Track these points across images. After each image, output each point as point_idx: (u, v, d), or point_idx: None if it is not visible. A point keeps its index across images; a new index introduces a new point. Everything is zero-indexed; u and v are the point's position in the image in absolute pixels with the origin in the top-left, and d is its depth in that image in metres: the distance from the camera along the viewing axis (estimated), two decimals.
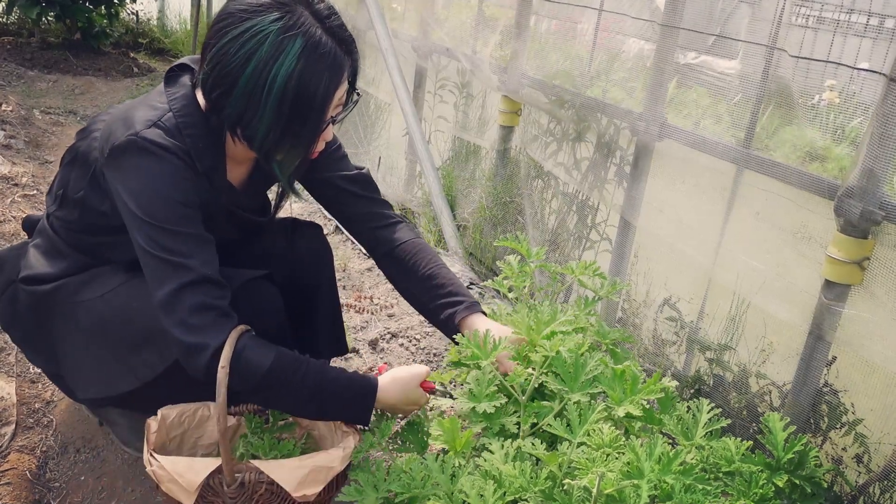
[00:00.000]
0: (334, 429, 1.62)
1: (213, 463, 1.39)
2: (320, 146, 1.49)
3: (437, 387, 1.67)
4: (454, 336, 1.56)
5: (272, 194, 1.79)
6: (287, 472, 1.40)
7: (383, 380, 1.52)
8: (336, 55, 1.37)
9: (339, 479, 1.49)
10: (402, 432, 1.55)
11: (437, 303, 1.67)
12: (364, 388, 1.50)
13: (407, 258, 1.72)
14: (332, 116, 1.43)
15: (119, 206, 1.43)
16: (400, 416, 1.58)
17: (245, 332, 1.41)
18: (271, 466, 1.41)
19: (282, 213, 1.85)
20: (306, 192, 1.81)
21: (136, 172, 1.40)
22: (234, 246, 1.78)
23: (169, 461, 1.40)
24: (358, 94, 1.50)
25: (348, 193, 1.74)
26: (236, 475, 1.41)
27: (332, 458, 1.44)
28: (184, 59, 1.54)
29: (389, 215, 1.78)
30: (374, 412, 1.53)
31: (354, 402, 1.49)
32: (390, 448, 1.51)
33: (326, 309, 1.87)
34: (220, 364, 1.34)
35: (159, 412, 1.54)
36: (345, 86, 1.42)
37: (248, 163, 1.63)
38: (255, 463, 1.42)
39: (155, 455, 1.41)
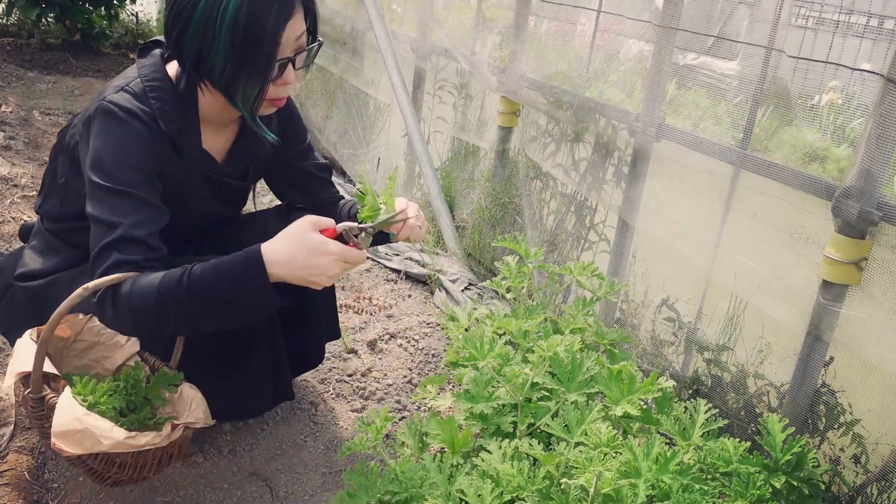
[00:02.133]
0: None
1: (31, 365, 1.40)
2: (284, 90, 1.52)
3: (355, 227, 1.42)
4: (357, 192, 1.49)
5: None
6: (66, 415, 1.36)
7: (268, 246, 1.38)
8: None
9: (158, 459, 1.47)
10: (397, 433, 1.55)
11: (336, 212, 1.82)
12: (250, 252, 1.37)
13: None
14: (291, 56, 1.46)
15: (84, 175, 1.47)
16: (323, 277, 1.36)
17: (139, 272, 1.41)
18: (65, 402, 1.38)
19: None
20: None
21: (99, 136, 1.45)
22: (230, 232, 1.80)
23: (24, 342, 1.44)
24: (319, 41, 1.55)
25: (314, 177, 1.87)
26: (45, 390, 1.41)
27: (111, 434, 1.36)
28: (157, 37, 1.60)
29: (340, 196, 1.93)
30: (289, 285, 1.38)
31: (246, 270, 1.35)
32: (385, 450, 1.50)
33: (324, 291, 1.89)
34: (85, 285, 1.35)
35: (91, 314, 1.57)
36: (299, 24, 1.46)
37: (228, 131, 1.67)
38: (65, 393, 1.39)
39: (32, 334, 1.45)
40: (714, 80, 2.01)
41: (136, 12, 6.94)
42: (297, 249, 1.35)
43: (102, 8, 5.93)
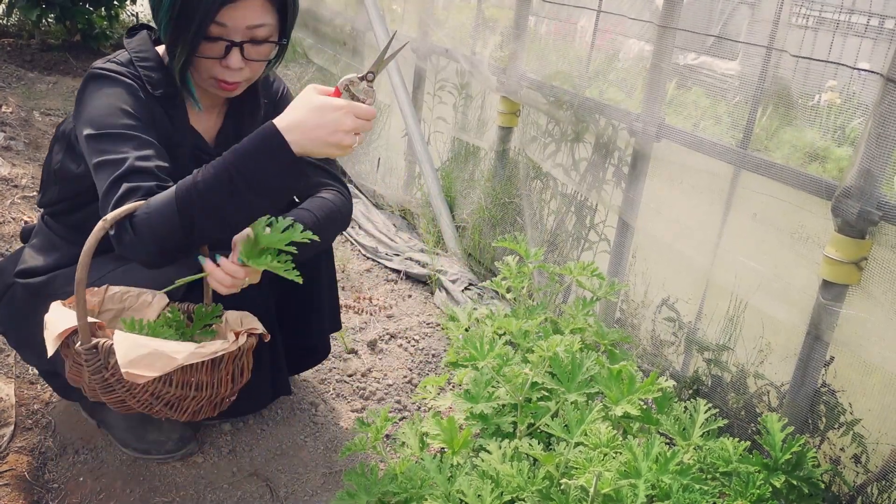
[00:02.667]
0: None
1: (70, 323, 1.37)
2: (230, 74, 1.52)
3: (355, 79, 1.39)
4: None
5: None
6: (128, 344, 1.32)
7: (279, 119, 1.36)
8: None
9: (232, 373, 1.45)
10: (398, 433, 1.55)
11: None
12: (263, 127, 1.35)
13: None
14: (236, 41, 1.47)
15: (79, 142, 1.49)
16: (340, 134, 1.33)
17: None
18: (123, 336, 1.35)
19: None
20: None
21: (89, 96, 1.49)
22: None
23: (54, 310, 1.41)
24: (283, 42, 1.56)
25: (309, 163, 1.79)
26: (93, 339, 1.36)
27: (181, 349, 1.33)
28: (145, 23, 1.66)
29: (327, 183, 1.79)
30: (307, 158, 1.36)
31: (265, 141, 1.33)
32: (386, 450, 1.50)
33: (328, 285, 1.90)
34: (104, 217, 1.33)
35: (107, 284, 1.55)
36: (250, 12, 1.45)
37: (215, 114, 1.69)
38: (116, 332, 1.37)
39: (62, 302, 1.43)
40: (714, 79, 2.01)
41: (137, 13, 6.94)
42: (306, 112, 1.32)
43: (103, 8, 5.94)
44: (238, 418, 1.93)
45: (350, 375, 2.24)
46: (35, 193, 3.17)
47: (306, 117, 1.32)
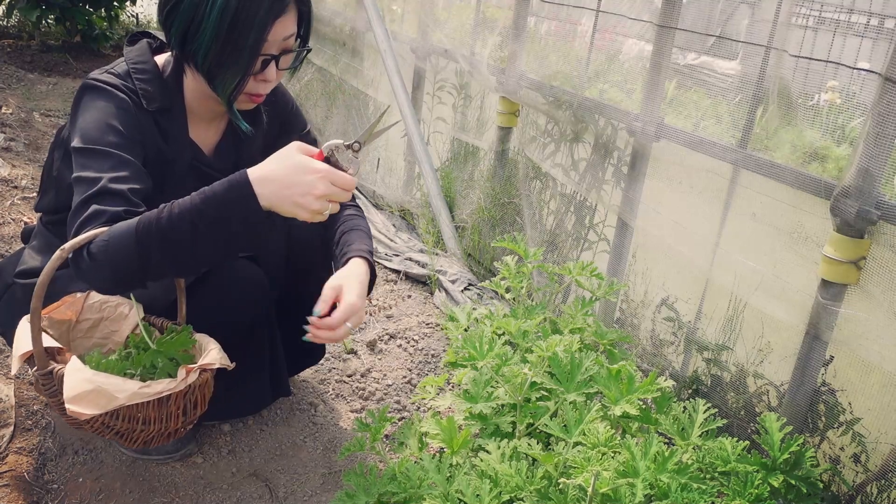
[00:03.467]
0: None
1: (46, 345, 1.39)
2: (264, 87, 1.51)
3: (341, 146, 1.36)
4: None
5: None
6: (76, 378, 1.32)
7: (254, 168, 1.32)
8: None
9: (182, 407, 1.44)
10: (397, 433, 1.55)
11: (334, 261, 1.68)
12: (235, 174, 1.31)
13: (329, 228, 1.73)
14: (276, 54, 1.46)
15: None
16: (310, 198, 1.29)
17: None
18: (74, 367, 1.34)
19: None
20: None
21: (82, 109, 1.48)
22: None
23: (21, 327, 1.43)
24: (308, 48, 1.55)
25: None
26: (51, 364, 1.38)
27: (124, 386, 1.32)
28: (148, 30, 1.63)
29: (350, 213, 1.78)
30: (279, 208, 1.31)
31: (233, 190, 1.29)
32: (385, 450, 1.50)
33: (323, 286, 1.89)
34: (62, 248, 1.31)
35: (90, 292, 1.56)
36: (290, 24, 1.45)
37: (216, 124, 1.67)
38: (72, 360, 1.37)
39: (27, 318, 1.43)
40: (714, 79, 2.01)
41: (137, 13, 6.95)
42: (282, 169, 1.29)
43: (103, 9, 5.94)
44: (237, 419, 1.93)
45: (349, 376, 2.24)
46: (35, 195, 3.17)
47: (281, 174, 1.29)
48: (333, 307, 1.48)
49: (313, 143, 1.82)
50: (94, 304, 1.57)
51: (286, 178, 1.28)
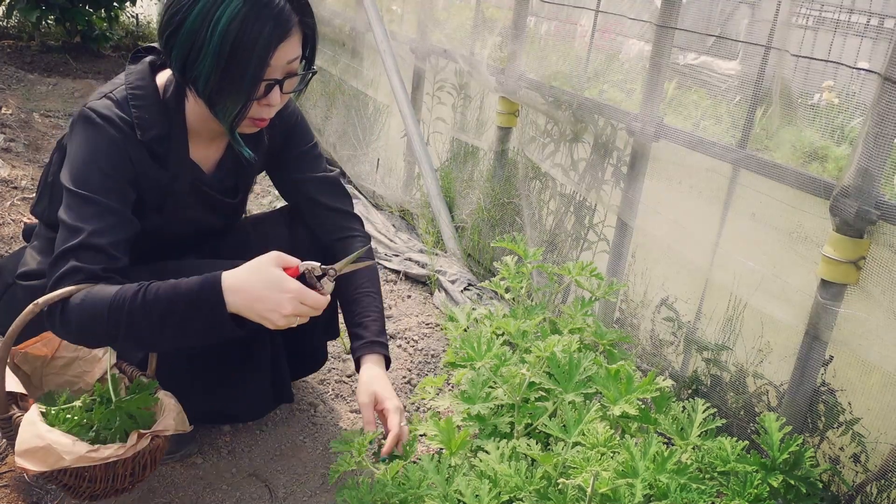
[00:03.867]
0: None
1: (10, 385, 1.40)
2: (267, 111, 1.48)
3: (317, 268, 1.39)
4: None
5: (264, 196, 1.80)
6: (28, 432, 1.34)
7: (229, 273, 1.36)
8: (283, 10, 1.38)
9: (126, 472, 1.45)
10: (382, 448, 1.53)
11: (350, 330, 1.71)
12: (210, 276, 1.35)
13: (346, 276, 1.70)
14: (279, 79, 1.43)
15: None
16: (276, 314, 1.32)
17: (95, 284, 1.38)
18: (29, 420, 1.35)
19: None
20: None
21: (76, 141, 1.46)
22: (232, 238, 1.80)
23: None
24: (314, 70, 1.52)
25: (315, 201, 1.78)
26: (12, 409, 1.40)
27: (72, 448, 1.33)
28: (153, 44, 1.58)
29: (349, 227, 1.80)
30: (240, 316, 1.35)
31: (204, 293, 1.34)
32: (373, 463, 1.48)
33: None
34: (36, 301, 1.32)
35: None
36: (293, 47, 1.42)
37: (218, 143, 1.64)
38: (31, 410, 1.38)
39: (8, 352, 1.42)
40: (714, 79, 2.01)
41: (137, 14, 6.96)
42: (255, 281, 1.32)
43: (102, 10, 5.95)
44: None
45: (349, 376, 2.24)
46: (35, 195, 3.18)
47: (254, 286, 1.32)
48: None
49: (318, 158, 1.80)
50: (70, 344, 1.57)
51: (257, 292, 1.32)
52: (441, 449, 1.43)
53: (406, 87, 3.41)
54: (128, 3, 6.16)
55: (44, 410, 1.43)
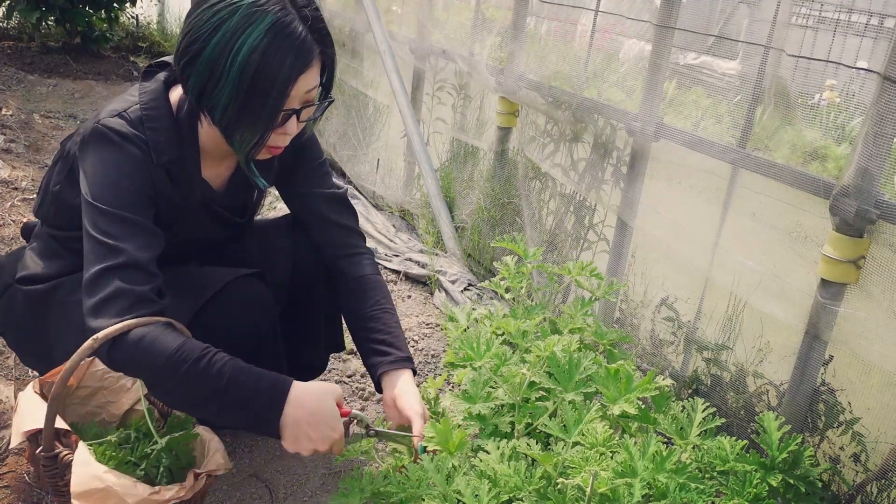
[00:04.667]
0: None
1: (39, 421, 1.36)
2: (283, 140, 1.47)
3: (364, 423, 1.50)
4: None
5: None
6: (84, 473, 1.31)
7: (298, 385, 1.40)
8: (305, 41, 1.36)
9: None
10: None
11: (369, 346, 1.68)
12: (280, 381, 1.38)
13: (359, 293, 1.73)
14: (297, 108, 1.42)
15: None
16: (307, 443, 1.39)
17: (158, 322, 1.36)
18: (83, 461, 1.33)
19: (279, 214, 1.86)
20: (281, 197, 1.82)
21: (94, 158, 1.43)
22: (238, 246, 1.79)
23: (28, 396, 1.40)
24: (331, 99, 1.50)
25: (321, 215, 1.77)
26: (56, 447, 1.36)
27: (135, 491, 1.31)
28: (165, 58, 1.55)
29: (356, 245, 1.80)
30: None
31: (268, 393, 1.37)
32: (378, 454, 1.49)
33: (325, 305, 1.88)
34: (92, 336, 1.30)
35: (94, 359, 1.53)
36: (313, 78, 1.40)
37: (228, 161, 1.63)
38: (81, 449, 1.35)
39: (35, 386, 1.41)
40: (714, 79, 2.01)
41: (137, 15, 6.96)
42: (316, 409, 1.38)
43: (103, 11, 5.95)
44: None
45: (349, 376, 2.24)
46: (35, 196, 3.18)
47: (313, 412, 1.37)
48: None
49: (327, 175, 1.79)
50: (96, 373, 1.56)
51: (311, 418, 1.37)
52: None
53: (406, 87, 3.41)
54: (128, 4, 6.17)
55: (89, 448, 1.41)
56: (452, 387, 2.18)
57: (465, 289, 2.75)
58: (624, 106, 2.19)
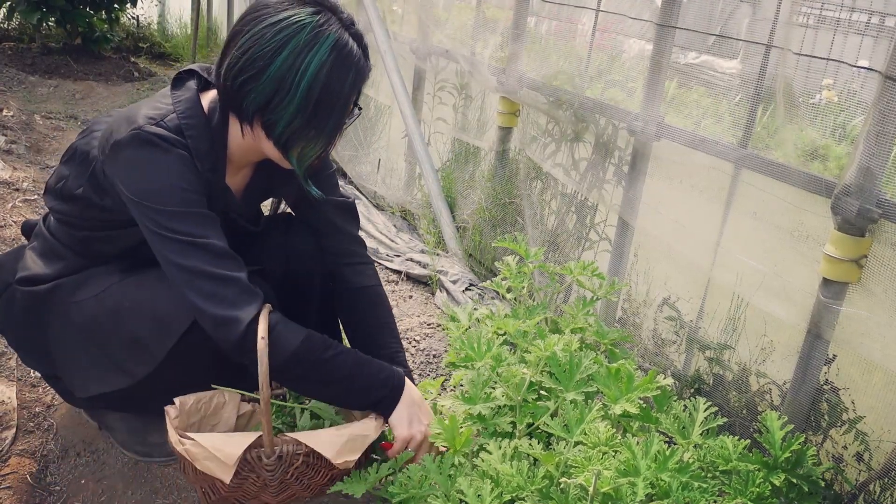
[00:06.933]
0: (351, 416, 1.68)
1: (250, 436, 1.42)
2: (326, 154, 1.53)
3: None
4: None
5: (265, 208, 1.82)
6: (325, 441, 1.44)
7: (407, 380, 1.57)
8: (361, 58, 1.46)
9: (367, 453, 1.54)
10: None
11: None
12: (393, 375, 1.54)
13: (361, 304, 1.79)
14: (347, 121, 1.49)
15: (125, 200, 1.44)
16: (421, 432, 1.54)
17: (273, 310, 1.45)
18: (309, 437, 1.44)
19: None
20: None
21: (140, 163, 1.42)
22: (240, 249, 1.80)
23: (205, 437, 1.42)
24: (359, 108, 1.56)
25: (331, 223, 1.80)
26: (275, 448, 1.43)
27: (366, 427, 1.49)
28: (192, 66, 1.56)
29: (360, 254, 1.83)
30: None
31: (379, 386, 1.53)
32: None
33: (321, 302, 1.88)
34: (260, 335, 1.38)
35: (176, 400, 1.54)
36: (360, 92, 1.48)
37: (246, 169, 1.64)
38: (293, 435, 1.45)
39: (188, 434, 1.42)
40: (715, 78, 2.01)
41: (137, 16, 6.97)
42: (422, 402, 1.58)
43: (103, 12, 5.95)
44: None
45: None
46: (36, 196, 3.18)
47: (423, 407, 1.57)
48: None
49: (336, 185, 1.83)
50: (191, 408, 1.57)
51: (422, 407, 1.57)
52: (445, 448, 1.43)
53: (407, 87, 3.41)
54: (128, 5, 6.17)
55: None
56: (453, 387, 2.17)
57: (467, 289, 2.75)
58: (625, 105, 2.19)
